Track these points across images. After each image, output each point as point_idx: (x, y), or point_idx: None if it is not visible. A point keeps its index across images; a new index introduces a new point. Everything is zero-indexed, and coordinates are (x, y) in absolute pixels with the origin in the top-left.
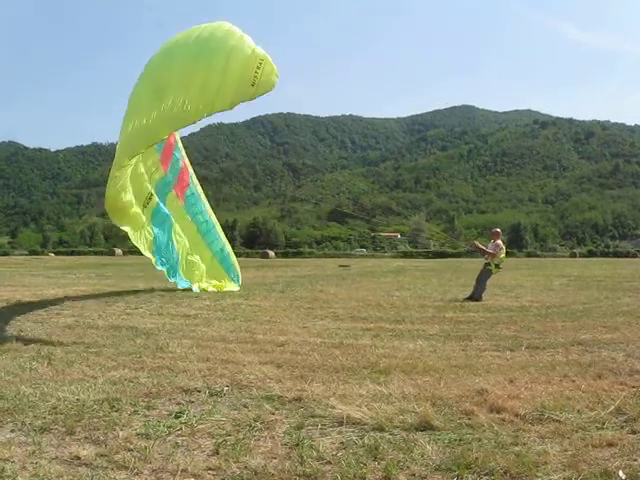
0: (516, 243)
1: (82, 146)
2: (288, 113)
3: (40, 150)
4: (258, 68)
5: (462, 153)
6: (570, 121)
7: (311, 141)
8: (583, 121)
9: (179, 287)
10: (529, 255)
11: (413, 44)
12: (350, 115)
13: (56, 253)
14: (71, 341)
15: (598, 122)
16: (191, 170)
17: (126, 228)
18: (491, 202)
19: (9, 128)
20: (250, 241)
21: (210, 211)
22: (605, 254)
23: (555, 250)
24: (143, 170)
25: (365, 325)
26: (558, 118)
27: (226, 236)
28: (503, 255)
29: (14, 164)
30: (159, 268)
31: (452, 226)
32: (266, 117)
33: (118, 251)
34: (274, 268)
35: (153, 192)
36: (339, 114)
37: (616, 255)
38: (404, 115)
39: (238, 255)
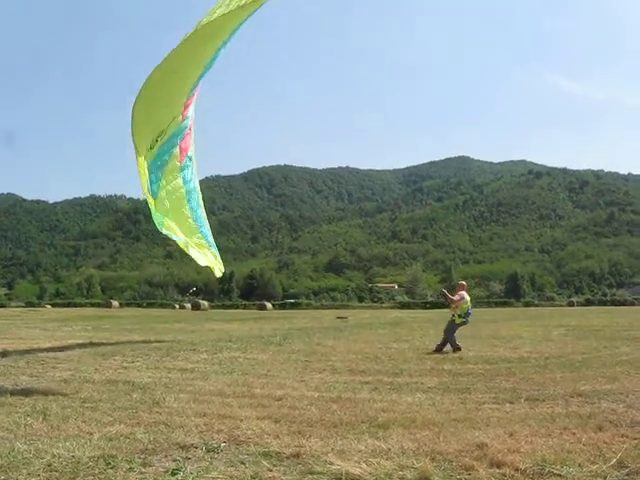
0: (513, 293)
1: (80, 198)
2: (285, 165)
3: (38, 202)
4: None
5: (458, 203)
6: (564, 171)
7: (308, 193)
8: (577, 170)
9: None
10: (527, 304)
11: (407, 97)
12: (347, 167)
13: (53, 305)
14: (67, 396)
15: (592, 171)
16: (193, 135)
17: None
18: (488, 252)
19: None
20: (247, 293)
21: (197, 180)
22: (603, 302)
23: (553, 299)
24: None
25: (363, 378)
26: (552, 168)
27: (223, 288)
28: (466, 306)
29: (12, 216)
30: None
31: (449, 276)
32: (263, 169)
33: (115, 303)
34: (271, 320)
35: (165, 135)
36: (335, 166)
37: (614, 303)
38: (400, 167)
39: (235, 307)
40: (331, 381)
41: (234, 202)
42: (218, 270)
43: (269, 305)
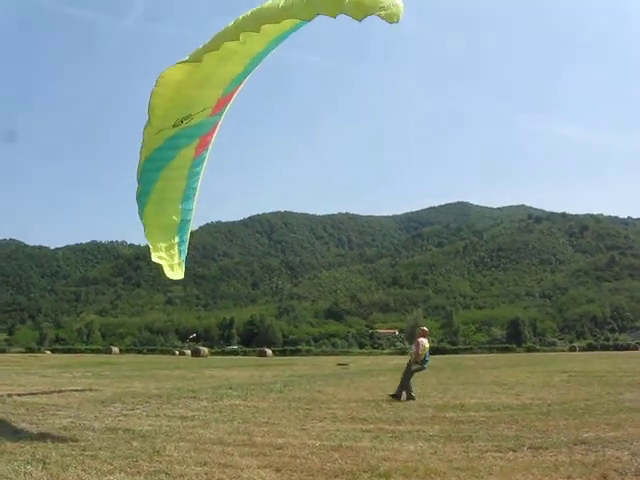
0: (515, 338)
1: (81, 244)
2: (285, 212)
3: (40, 248)
4: (392, 6)
5: (458, 249)
6: (564, 215)
7: (308, 239)
8: (576, 215)
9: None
10: (529, 350)
11: (406, 144)
12: (346, 213)
13: (53, 351)
14: (67, 443)
15: (591, 216)
16: (218, 130)
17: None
18: (488, 297)
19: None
20: (248, 339)
21: (200, 178)
22: (605, 347)
23: (555, 344)
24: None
25: (364, 426)
26: (552, 213)
27: (223, 334)
28: (423, 352)
29: (14, 261)
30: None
31: (450, 322)
32: (263, 216)
33: (115, 349)
34: (272, 367)
35: (192, 121)
36: (335, 212)
37: (616, 348)
38: (399, 213)
39: (236, 353)
40: (332, 429)
41: (234, 248)
42: (169, 270)
43: (269, 352)
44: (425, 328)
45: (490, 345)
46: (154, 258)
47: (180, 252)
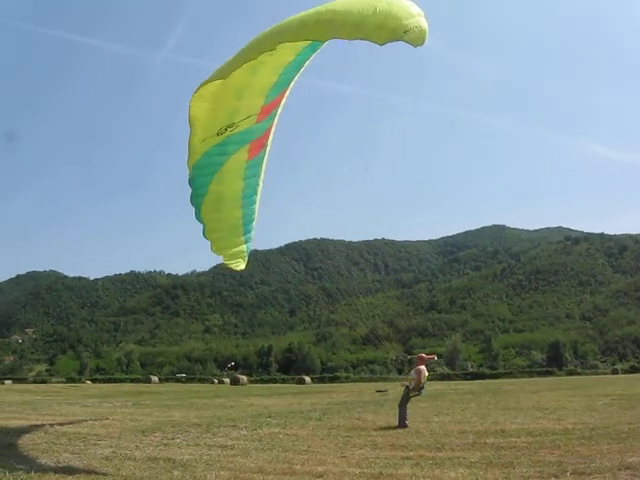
0: (555, 361)
1: (120, 274)
2: (321, 239)
3: (80, 279)
4: (415, 28)
5: (495, 272)
6: (602, 236)
7: (344, 265)
8: (615, 235)
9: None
10: (569, 373)
11: (440, 168)
12: (382, 239)
13: (93, 380)
14: (108, 474)
15: (630, 236)
16: (274, 131)
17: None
18: (528, 320)
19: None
20: (286, 367)
21: (263, 177)
22: None
23: (596, 367)
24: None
25: (404, 453)
26: (589, 234)
27: (261, 362)
28: (424, 380)
29: (54, 292)
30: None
31: (489, 346)
32: (299, 243)
33: (154, 378)
34: (310, 394)
35: (237, 128)
36: (371, 238)
37: None
38: (435, 237)
39: (274, 381)
40: (372, 457)
41: (271, 276)
42: (230, 262)
43: (308, 379)
44: (424, 355)
45: (530, 369)
46: (214, 252)
47: (246, 244)
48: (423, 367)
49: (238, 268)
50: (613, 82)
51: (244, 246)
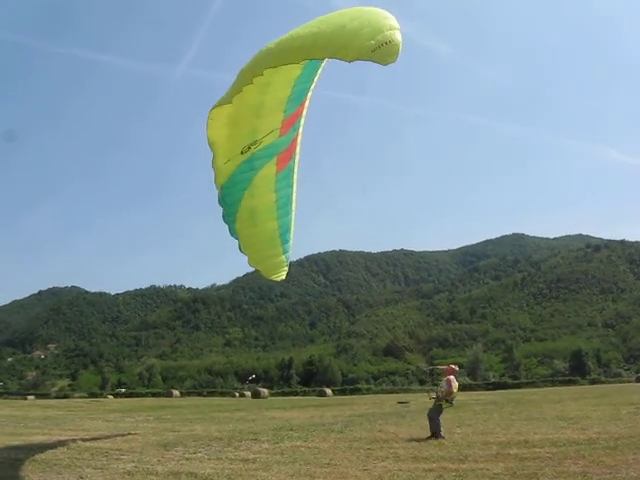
0: (578, 370)
1: (141, 289)
2: (340, 250)
3: (101, 294)
4: (385, 44)
5: (516, 281)
6: (623, 243)
7: (364, 277)
8: (636, 242)
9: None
10: (593, 382)
11: (458, 178)
12: (401, 250)
13: (114, 395)
14: None
15: None
16: (300, 140)
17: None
18: (549, 329)
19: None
20: (307, 379)
21: (295, 187)
22: None
23: (620, 375)
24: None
25: (427, 465)
26: (610, 240)
27: (282, 375)
28: (455, 391)
29: (75, 308)
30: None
31: (511, 356)
32: (319, 255)
33: (175, 392)
34: (332, 407)
35: (261, 144)
36: (390, 249)
37: None
38: (454, 247)
39: (295, 394)
40: (395, 469)
41: (291, 289)
42: (270, 273)
43: (329, 391)
44: (454, 366)
45: (553, 378)
46: (251, 265)
47: (284, 254)
48: (453, 377)
49: (279, 279)
50: (631, 88)
51: (283, 257)
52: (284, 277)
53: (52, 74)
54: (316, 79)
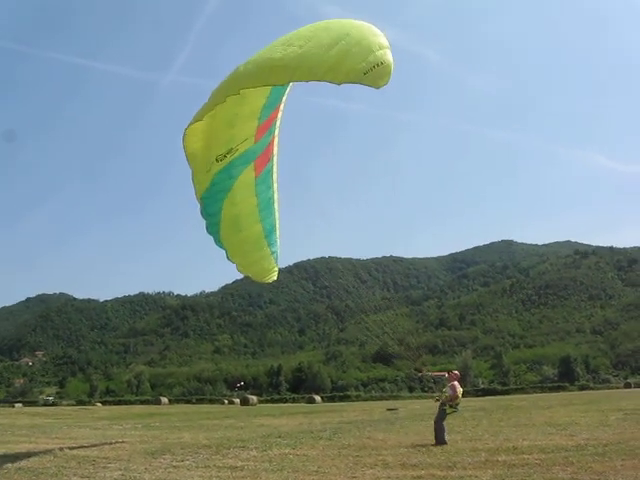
0: (567, 376)
1: (129, 296)
2: (329, 257)
3: (89, 301)
4: (376, 66)
5: (505, 288)
6: (611, 249)
7: (353, 283)
8: (624, 248)
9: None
10: (582, 388)
11: (447, 185)
12: (391, 256)
13: (103, 402)
14: None
15: (639, 248)
16: (277, 142)
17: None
18: (538, 335)
19: (59, 280)
20: (296, 386)
21: (275, 186)
22: None
23: (609, 381)
24: (237, 125)
25: (416, 472)
26: (598, 247)
27: (271, 382)
28: (460, 396)
29: (63, 315)
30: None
31: (500, 362)
32: (308, 262)
33: (164, 400)
34: (320, 414)
35: (237, 152)
36: (379, 256)
37: None
38: (444, 254)
39: (284, 401)
40: (383, 476)
41: (280, 295)
42: (265, 277)
43: (318, 398)
44: (457, 372)
45: (542, 384)
46: (240, 272)
47: (272, 254)
48: (456, 383)
49: (271, 280)
50: (621, 94)
51: (271, 258)
52: (275, 277)
53: (42, 80)
54: (292, 84)
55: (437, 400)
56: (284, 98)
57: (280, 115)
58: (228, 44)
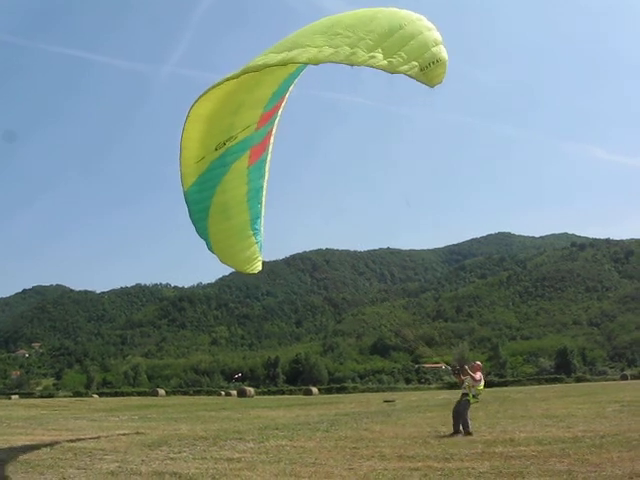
0: (564, 368)
1: (126, 287)
2: (327, 249)
3: (86, 292)
4: (432, 63)
5: (502, 280)
6: (608, 241)
7: (350, 275)
8: (621, 240)
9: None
10: (578, 380)
11: (445, 177)
12: (388, 248)
13: (100, 394)
14: None
15: (636, 240)
16: (275, 132)
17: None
18: (535, 327)
19: (56, 272)
20: (293, 378)
21: (267, 177)
22: None
23: (605, 373)
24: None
25: (413, 464)
26: (595, 239)
27: (268, 373)
28: (481, 387)
29: (60, 306)
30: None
31: (497, 354)
32: (305, 254)
33: (161, 391)
34: (317, 406)
35: (235, 140)
36: (377, 248)
37: None
38: (441, 245)
39: (281, 393)
40: (380, 468)
41: (277, 287)
42: (248, 268)
43: (315, 390)
44: (479, 362)
45: (538, 376)
46: (224, 262)
47: (256, 244)
48: (480, 374)
49: (255, 271)
50: (618, 87)
51: (255, 247)
52: (260, 268)
53: (38, 73)
54: (299, 77)
55: (463, 394)
56: (291, 88)
57: (283, 104)
58: (226, 37)
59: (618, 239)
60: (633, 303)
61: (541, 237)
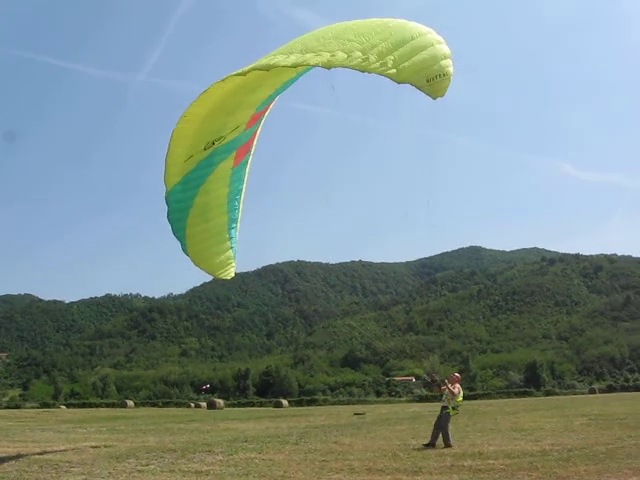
0: (533, 382)
1: (96, 297)
2: (298, 261)
3: (55, 302)
4: (439, 76)
5: (472, 293)
6: (577, 256)
7: (322, 287)
8: (590, 256)
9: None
10: (547, 393)
11: (415, 191)
12: (360, 261)
13: (67, 405)
14: None
15: (605, 256)
16: (258, 134)
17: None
18: (505, 341)
19: (25, 281)
20: (263, 390)
21: (246, 179)
22: (625, 388)
23: (574, 387)
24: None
25: (381, 477)
26: (565, 254)
27: (238, 385)
28: (460, 398)
29: (28, 316)
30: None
31: (467, 367)
32: (277, 266)
33: (130, 403)
34: (287, 418)
35: (224, 140)
36: (348, 260)
37: (637, 389)
38: (412, 259)
39: (251, 405)
40: None
41: (249, 299)
42: (221, 272)
43: (285, 402)
44: (458, 374)
45: (508, 390)
46: (197, 265)
47: (231, 248)
48: (458, 385)
49: (228, 277)
50: (587, 103)
51: (230, 252)
52: (233, 274)
53: (12, 81)
54: (299, 79)
55: (443, 407)
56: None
57: (271, 107)
58: (201, 47)
59: (587, 254)
60: (601, 318)
61: (512, 251)
